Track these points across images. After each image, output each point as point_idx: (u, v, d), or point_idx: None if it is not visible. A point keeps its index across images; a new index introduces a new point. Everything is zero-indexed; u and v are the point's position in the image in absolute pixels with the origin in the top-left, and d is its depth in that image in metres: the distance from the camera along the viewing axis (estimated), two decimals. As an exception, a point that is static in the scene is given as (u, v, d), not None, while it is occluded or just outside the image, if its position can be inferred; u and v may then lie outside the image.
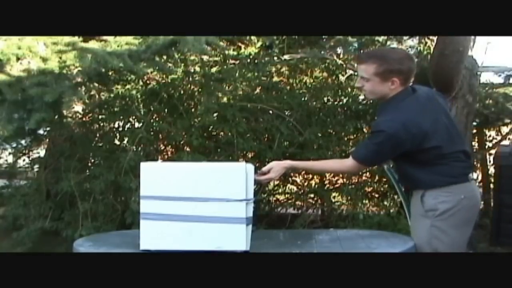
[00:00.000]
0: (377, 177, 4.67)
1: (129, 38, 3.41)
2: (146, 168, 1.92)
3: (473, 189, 2.23)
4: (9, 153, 4.89)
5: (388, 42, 5.96)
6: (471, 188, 2.20)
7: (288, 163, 2.33)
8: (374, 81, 2.14)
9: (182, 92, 4.60)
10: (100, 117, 4.55)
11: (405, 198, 2.41)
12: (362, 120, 4.81)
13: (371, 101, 5.39)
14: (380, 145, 2.10)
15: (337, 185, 5.06)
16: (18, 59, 3.19)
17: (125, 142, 4.41)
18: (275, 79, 5.12)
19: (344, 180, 4.90)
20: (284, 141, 4.48)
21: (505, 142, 5.92)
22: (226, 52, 4.77)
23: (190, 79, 4.59)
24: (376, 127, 2.17)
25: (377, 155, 2.17)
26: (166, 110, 4.49)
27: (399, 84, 2.13)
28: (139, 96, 4.55)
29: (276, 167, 2.23)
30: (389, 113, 2.13)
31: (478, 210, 2.26)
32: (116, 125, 4.60)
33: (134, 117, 4.47)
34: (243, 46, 5.18)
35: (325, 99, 5.07)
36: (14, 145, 4.52)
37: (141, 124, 4.34)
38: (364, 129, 4.87)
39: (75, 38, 3.25)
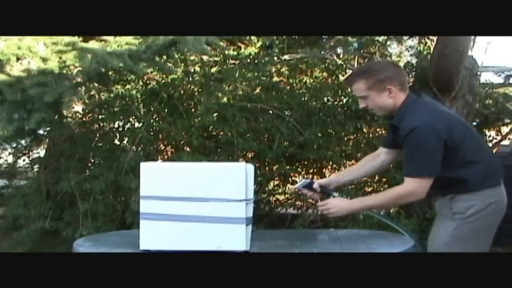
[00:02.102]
0: (377, 177, 4.66)
1: (129, 38, 3.41)
2: (146, 168, 1.92)
3: (503, 193, 2.16)
4: (9, 153, 4.89)
5: (388, 42, 5.97)
6: (501, 192, 2.14)
7: (352, 207, 2.22)
8: (372, 96, 2.13)
9: (182, 92, 4.60)
10: (100, 117, 4.55)
11: None
12: (362, 120, 4.81)
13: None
14: (424, 144, 1.99)
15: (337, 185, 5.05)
16: (18, 59, 3.19)
17: (125, 142, 4.41)
18: (275, 79, 5.12)
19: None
20: (284, 141, 4.47)
21: (505, 142, 5.91)
22: (226, 52, 4.77)
23: (190, 79, 4.59)
24: (406, 129, 2.03)
25: (428, 157, 2.01)
26: (166, 110, 4.49)
27: (397, 91, 2.11)
28: (139, 96, 4.55)
29: (339, 209, 2.18)
30: (411, 115, 2.06)
31: (503, 214, 2.16)
32: (116, 125, 4.60)
33: (134, 117, 4.47)
34: (243, 46, 5.18)
35: (325, 99, 5.06)
36: (14, 145, 4.52)
37: (141, 124, 4.34)
38: (364, 129, 4.87)
39: (75, 38, 3.24)
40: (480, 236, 2.10)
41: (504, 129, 6.13)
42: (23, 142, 4.39)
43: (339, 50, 5.83)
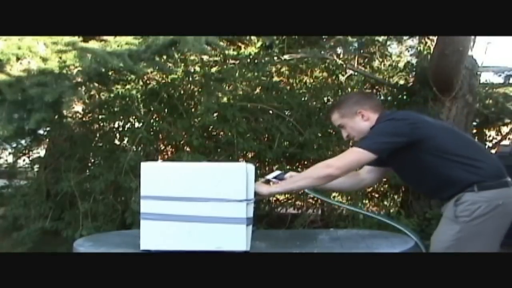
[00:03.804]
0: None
1: (129, 38, 3.41)
2: (147, 168, 1.92)
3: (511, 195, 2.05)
4: (9, 153, 4.89)
5: (388, 42, 5.97)
6: (510, 193, 2.05)
7: (269, 190, 2.17)
8: (347, 122, 2.24)
9: (182, 92, 4.60)
10: (100, 117, 4.55)
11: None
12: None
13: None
14: (379, 127, 2.10)
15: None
16: (18, 59, 3.19)
17: (125, 142, 4.41)
18: (275, 79, 5.12)
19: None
20: (284, 141, 4.48)
21: (505, 142, 5.92)
22: (226, 52, 4.77)
23: (190, 79, 4.60)
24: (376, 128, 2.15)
25: (374, 136, 2.09)
26: (166, 110, 4.49)
27: (369, 113, 2.19)
28: (139, 96, 4.55)
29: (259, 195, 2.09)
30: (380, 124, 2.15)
31: None
32: (116, 125, 4.60)
33: (134, 117, 4.47)
34: (243, 46, 5.18)
35: (325, 99, 5.07)
36: (14, 145, 4.52)
37: (141, 124, 4.34)
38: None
39: (75, 38, 3.24)
40: (485, 239, 2.02)
41: (504, 129, 6.14)
42: (23, 142, 4.39)
43: (339, 50, 5.83)
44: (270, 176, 2.27)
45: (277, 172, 2.29)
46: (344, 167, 2.07)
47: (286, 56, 5.10)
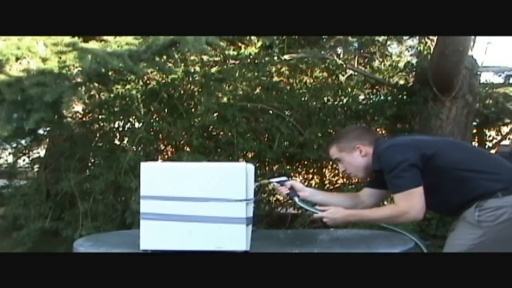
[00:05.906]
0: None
1: (129, 38, 3.41)
2: (146, 168, 1.92)
3: None
4: (9, 153, 4.89)
5: (388, 42, 5.97)
6: None
7: (346, 219, 2.19)
8: (345, 157, 2.24)
9: (182, 92, 4.60)
10: (100, 117, 4.55)
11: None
12: (362, 120, 4.81)
13: (371, 101, 5.40)
14: (400, 159, 2.01)
15: (337, 185, 5.06)
16: (17, 59, 3.19)
17: (125, 142, 4.41)
18: (275, 79, 5.12)
19: (344, 180, 4.90)
20: (284, 141, 4.48)
21: (505, 142, 5.92)
22: (226, 52, 4.77)
23: (190, 79, 4.60)
24: (381, 153, 2.09)
25: (407, 170, 2.00)
26: (166, 110, 4.49)
27: (367, 148, 2.18)
28: (139, 96, 4.55)
29: (336, 214, 2.15)
30: (383, 153, 2.09)
31: None
32: (116, 125, 4.60)
33: (134, 117, 4.47)
34: (243, 46, 5.18)
35: (325, 99, 5.07)
36: (14, 145, 4.52)
37: (141, 124, 4.34)
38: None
39: (75, 39, 3.24)
40: (507, 244, 1.98)
41: (504, 129, 6.14)
42: (23, 142, 4.40)
43: (339, 50, 5.84)
44: (273, 180, 2.31)
45: (281, 178, 2.32)
46: (418, 211, 2.02)
47: (286, 56, 5.10)
